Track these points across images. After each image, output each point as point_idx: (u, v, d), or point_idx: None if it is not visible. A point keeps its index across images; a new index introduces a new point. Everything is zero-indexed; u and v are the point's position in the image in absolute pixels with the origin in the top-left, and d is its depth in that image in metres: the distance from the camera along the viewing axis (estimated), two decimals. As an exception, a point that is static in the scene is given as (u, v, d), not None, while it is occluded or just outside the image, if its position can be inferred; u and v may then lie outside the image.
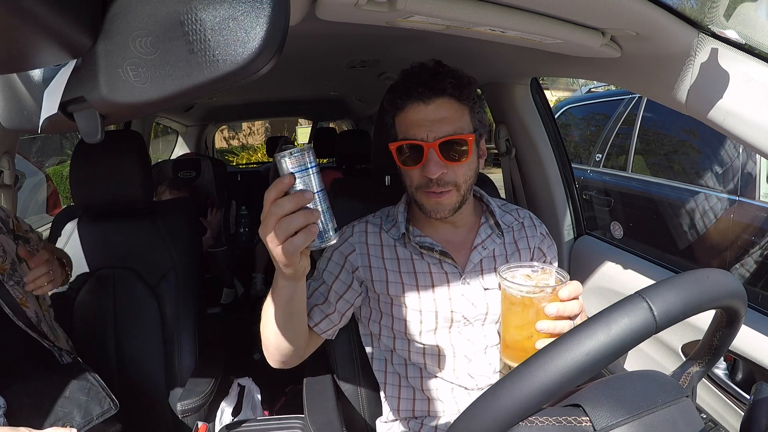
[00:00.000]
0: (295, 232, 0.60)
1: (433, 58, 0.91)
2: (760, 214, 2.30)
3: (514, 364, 0.75)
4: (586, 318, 0.48)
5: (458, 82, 0.86)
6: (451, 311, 0.93)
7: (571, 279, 0.72)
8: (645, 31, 0.70)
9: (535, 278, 0.74)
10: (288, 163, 0.61)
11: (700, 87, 0.74)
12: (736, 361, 1.04)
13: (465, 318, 0.94)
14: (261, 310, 0.81)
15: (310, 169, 0.61)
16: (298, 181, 0.61)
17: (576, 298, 0.71)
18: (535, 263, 0.77)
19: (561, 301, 0.70)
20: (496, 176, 1.64)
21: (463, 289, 0.94)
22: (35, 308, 1.07)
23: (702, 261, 2.61)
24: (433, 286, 0.93)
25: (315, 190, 0.62)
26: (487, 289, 0.94)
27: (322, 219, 0.63)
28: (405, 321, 0.94)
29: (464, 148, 0.86)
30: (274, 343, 0.83)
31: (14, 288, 1.03)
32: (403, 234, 0.95)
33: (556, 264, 1.06)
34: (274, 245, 0.61)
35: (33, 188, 3.32)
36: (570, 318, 0.71)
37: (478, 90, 0.93)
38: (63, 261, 1.16)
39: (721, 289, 0.50)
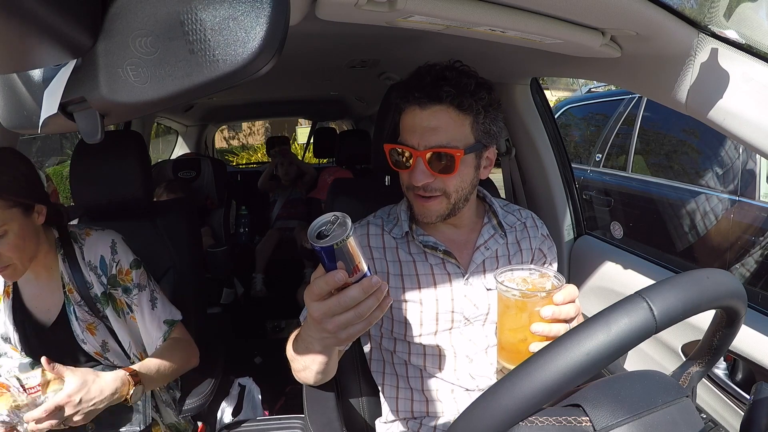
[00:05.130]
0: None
1: (452, 59, 0.89)
2: (760, 214, 2.30)
3: (510, 366, 0.76)
4: (582, 318, 0.48)
5: (460, 90, 0.82)
6: (452, 311, 0.93)
7: (571, 279, 0.72)
8: (645, 31, 0.70)
9: (531, 282, 0.74)
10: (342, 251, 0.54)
11: (700, 87, 0.74)
12: (736, 361, 1.04)
13: (466, 318, 0.94)
14: (260, 310, 0.81)
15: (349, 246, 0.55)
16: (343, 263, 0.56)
17: (572, 301, 0.71)
18: (533, 266, 0.77)
19: (556, 305, 0.70)
20: (496, 176, 1.64)
21: (466, 290, 0.94)
22: (103, 337, 1.08)
23: (702, 261, 2.61)
24: (435, 287, 0.93)
25: (366, 262, 0.57)
26: (490, 289, 0.94)
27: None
28: (405, 323, 0.94)
29: (452, 161, 0.83)
30: (313, 380, 0.85)
31: (85, 314, 1.06)
32: (407, 233, 0.95)
33: (555, 266, 1.06)
34: (343, 331, 0.60)
35: (33, 188, 3.31)
36: (566, 321, 0.71)
37: (489, 95, 0.86)
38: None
39: (721, 289, 0.50)
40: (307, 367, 0.80)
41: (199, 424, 1.26)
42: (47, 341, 1.05)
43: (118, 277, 1.07)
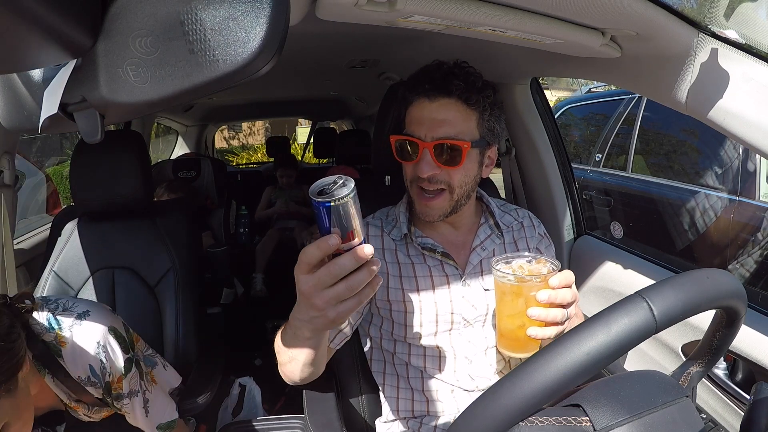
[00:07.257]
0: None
1: (458, 58, 0.90)
2: (760, 214, 2.30)
3: (509, 353, 0.77)
4: (581, 314, 0.48)
5: (469, 86, 0.84)
6: (452, 313, 0.93)
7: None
8: (645, 31, 0.70)
9: (527, 268, 0.74)
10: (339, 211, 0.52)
11: (700, 87, 0.74)
12: (736, 361, 1.04)
13: (465, 319, 0.93)
14: (260, 310, 0.80)
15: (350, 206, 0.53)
16: (338, 227, 0.53)
17: (568, 286, 0.71)
18: (529, 254, 0.78)
19: (552, 289, 0.70)
20: (496, 176, 1.64)
21: (464, 291, 0.94)
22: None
23: (702, 261, 2.61)
24: (433, 289, 0.93)
25: (363, 235, 0.55)
26: (488, 290, 0.94)
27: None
28: (405, 325, 0.94)
29: (459, 153, 0.84)
30: (299, 376, 0.81)
31: (93, 414, 0.93)
32: (405, 234, 0.95)
33: None
34: (332, 308, 0.56)
35: (33, 188, 3.32)
36: (563, 306, 0.71)
37: (494, 94, 0.88)
38: None
39: (721, 289, 0.50)
40: (293, 358, 0.75)
41: (200, 424, 1.26)
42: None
43: (112, 385, 0.90)
